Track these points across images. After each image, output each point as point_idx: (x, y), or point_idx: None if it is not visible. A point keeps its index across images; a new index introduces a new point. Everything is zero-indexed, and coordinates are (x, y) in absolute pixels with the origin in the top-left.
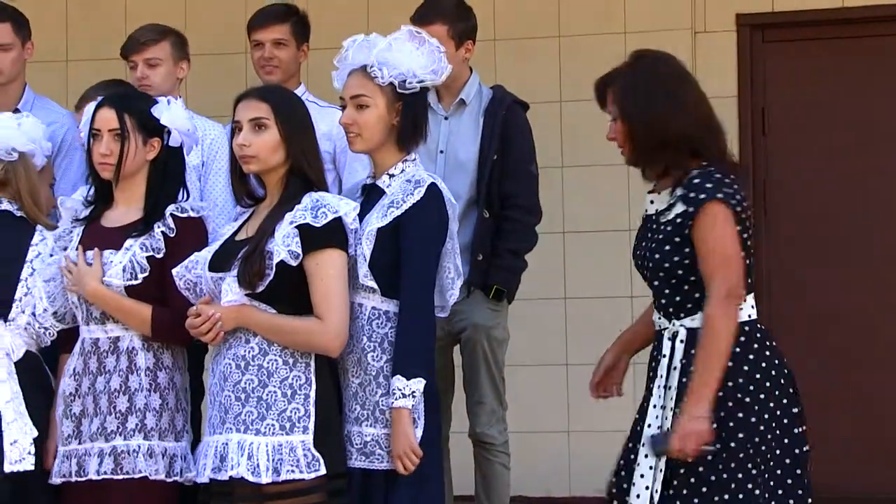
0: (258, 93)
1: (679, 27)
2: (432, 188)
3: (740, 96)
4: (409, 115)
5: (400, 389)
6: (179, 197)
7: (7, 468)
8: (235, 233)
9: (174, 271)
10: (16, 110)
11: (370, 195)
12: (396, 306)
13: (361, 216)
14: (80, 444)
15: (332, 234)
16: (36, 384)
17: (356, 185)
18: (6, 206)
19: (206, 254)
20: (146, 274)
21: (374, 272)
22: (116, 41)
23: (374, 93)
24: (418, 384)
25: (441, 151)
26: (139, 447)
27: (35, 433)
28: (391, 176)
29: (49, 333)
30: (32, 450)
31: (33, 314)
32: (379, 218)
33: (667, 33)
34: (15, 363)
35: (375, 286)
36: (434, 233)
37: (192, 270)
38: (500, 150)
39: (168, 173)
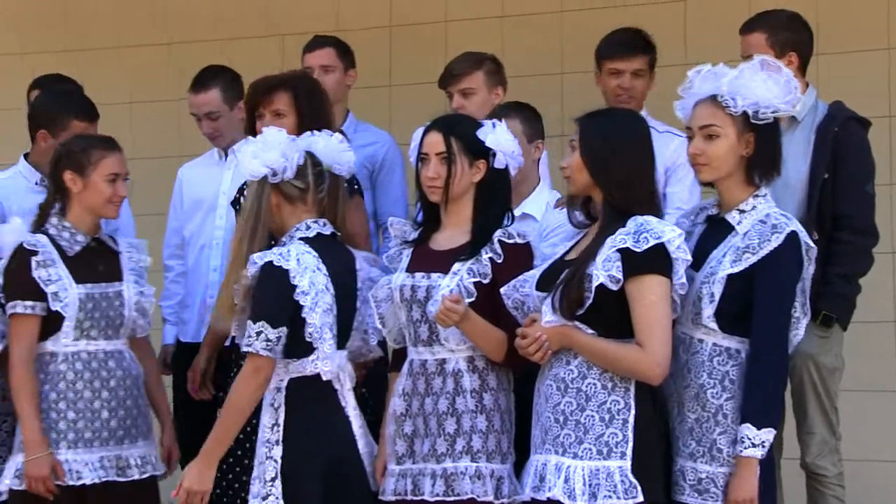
0: (579, 118)
1: None
2: (792, 236)
3: None
4: (765, 147)
5: (750, 439)
6: (505, 221)
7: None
8: (567, 252)
9: (502, 290)
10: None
11: (716, 227)
12: (738, 343)
13: (705, 249)
14: (413, 463)
15: (653, 260)
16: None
17: (695, 208)
18: (329, 228)
19: (536, 273)
20: (472, 299)
21: (719, 315)
22: (437, 67)
23: (724, 123)
24: (768, 434)
25: None
26: (467, 469)
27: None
28: (742, 212)
29: (373, 356)
30: None
31: (363, 339)
32: (732, 262)
33: None
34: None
35: (717, 329)
36: (790, 283)
37: (521, 289)
38: (832, 168)
39: (494, 195)
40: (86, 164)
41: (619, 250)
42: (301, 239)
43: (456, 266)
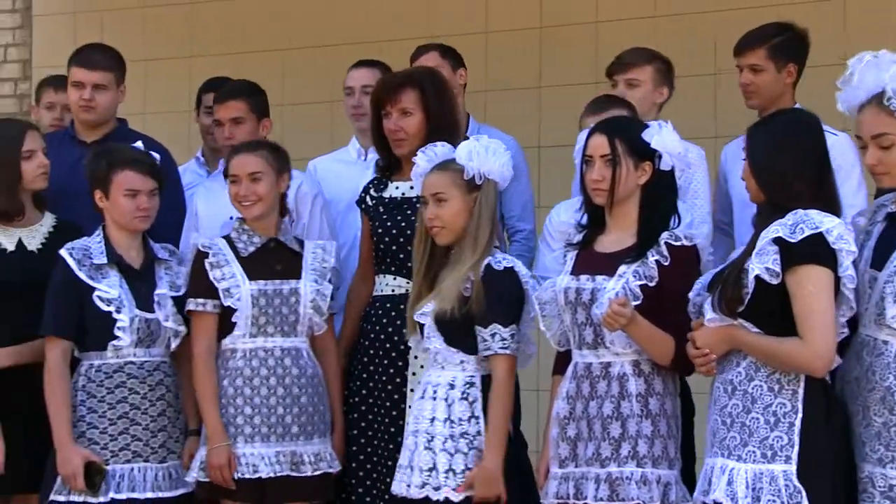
0: (748, 127)
1: None
2: None
3: None
4: None
5: None
6: (672, 223)
7: None
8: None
9: (690, 295)
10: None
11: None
12: None
13: (887, 247)
14: (576, 467)
15: (810, 250)
16: None
17: (870, 207)
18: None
19: (709, 274)
20: (638, 302)
21: None
22: (587, 68)
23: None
24: None
25: None
26: (632, 474)
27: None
28: None
29: (528, 360)
30: None
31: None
32: None
33: None
34: None
35: None
36: None
37: (701, 293)
38: None
39: (660, 197)
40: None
41: (774, 241)
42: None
43: (622, 269)
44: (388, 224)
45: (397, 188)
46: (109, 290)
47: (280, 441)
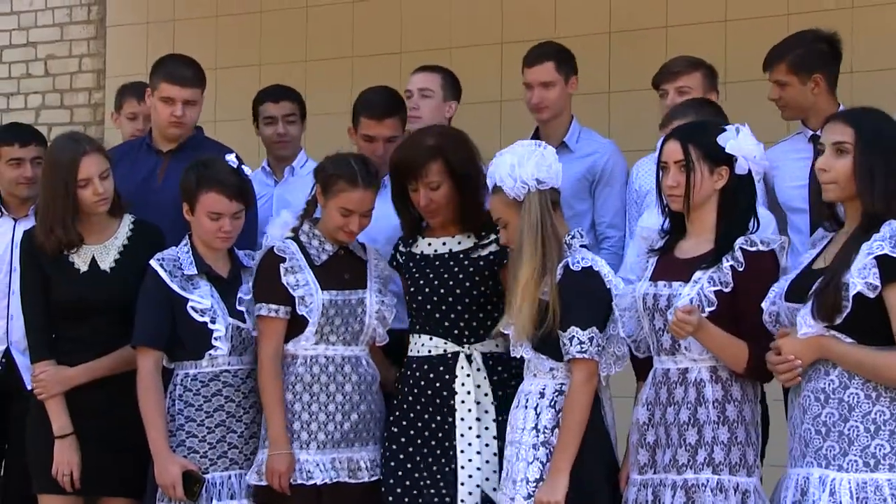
0: (845, 116)
1: None
2: None
3: None
4: None
5: None
6: (750, 227)
7: None
8: (813, 261)
9: (763, 305)
10: (562, 143)
11: None
12: None
13: None
14: (655, 473)
15: None
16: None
17: None
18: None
19: (784, 283)
20: (713, 308)
21: None
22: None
23: None
24: None
25: None
26: (708, 481)
27: None
28: None
29: (620, 363)
30: None
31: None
32: None
33: None
34: None
35: None
36: None
37: (777, 302)
38: None
39: (737, 202)
40: (327, 191)
41: (875, 257)
42: (581, 246)
43: (697, 274)
44: (422, 283)
45: (429, 244)
46: (202, 300)
47: (336, 448)
